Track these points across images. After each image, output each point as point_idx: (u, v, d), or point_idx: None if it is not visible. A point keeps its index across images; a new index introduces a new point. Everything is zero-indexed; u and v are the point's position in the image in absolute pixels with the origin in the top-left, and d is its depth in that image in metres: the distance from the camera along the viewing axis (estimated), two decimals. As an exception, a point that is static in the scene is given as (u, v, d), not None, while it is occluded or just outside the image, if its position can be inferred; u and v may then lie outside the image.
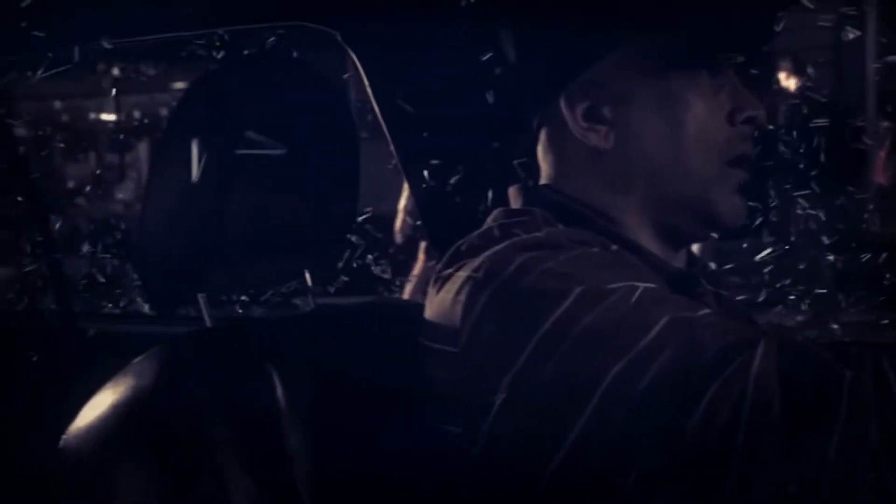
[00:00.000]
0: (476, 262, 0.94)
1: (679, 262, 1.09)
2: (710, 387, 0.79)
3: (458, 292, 0.94)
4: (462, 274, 0.95)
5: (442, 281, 0.99)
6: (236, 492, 0.94)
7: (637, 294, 0.86)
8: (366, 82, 1.63)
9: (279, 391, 1.03)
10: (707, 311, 0.89)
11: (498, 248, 0.95)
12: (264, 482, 0.96)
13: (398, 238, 5.17)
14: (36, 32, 1.50)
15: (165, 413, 0.97)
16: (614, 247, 0.99)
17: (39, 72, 1.64)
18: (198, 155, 1.15)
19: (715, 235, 1.13)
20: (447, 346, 0.93)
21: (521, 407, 0.86)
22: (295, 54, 1.54)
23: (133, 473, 0.96)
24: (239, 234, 1.18)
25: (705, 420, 0.79)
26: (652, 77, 1.03)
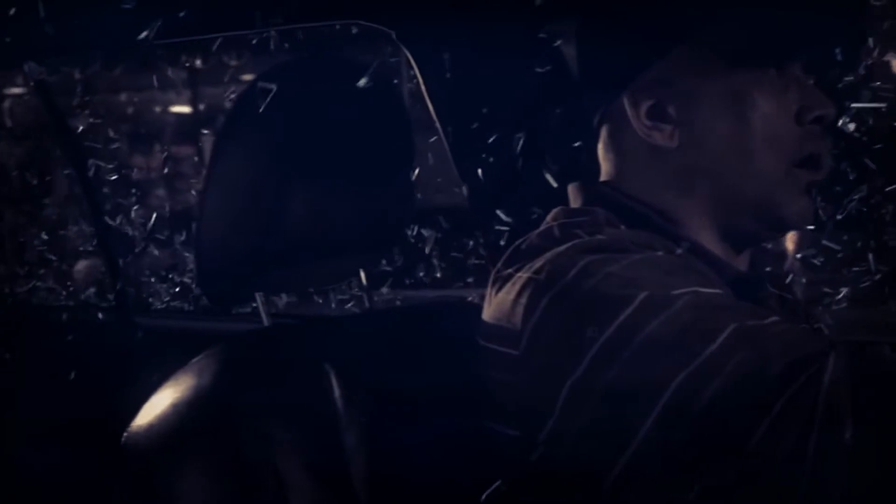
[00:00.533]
0: (537, 263, 0.93)
1: (742, 264, 1.07)
2: (778, 401, 0.77)
3: (519, 294, 0.92)
4: (523, 275, 0.93)
5: (501, 281, 0.97)
6: (295, 491, 0.94)
7: (702, 301, 0.85)
8: (420, 80, 1.63)
9: (337, 391, 1.03)
10: (774, 318, 0.86)
11: (560, 249, 0.93)
12: (322, 482, 0.96)
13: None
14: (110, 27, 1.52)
15: (225, 412, 0.98)
16: (679, 250, 0.96)
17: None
18: (255, 154, 1.16)
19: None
20: (506, 349, 0.92)
21: (581, 414, 0.85)
22: (351, 53, 1.54)
23: (193, 471, 0.97)
24: (296, 233, 1.18)
25: (772, 435, 0.77)
26: (718, 75, 1.00)
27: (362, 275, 1.34)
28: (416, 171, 1.36)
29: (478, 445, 0.94)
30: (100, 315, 2.35)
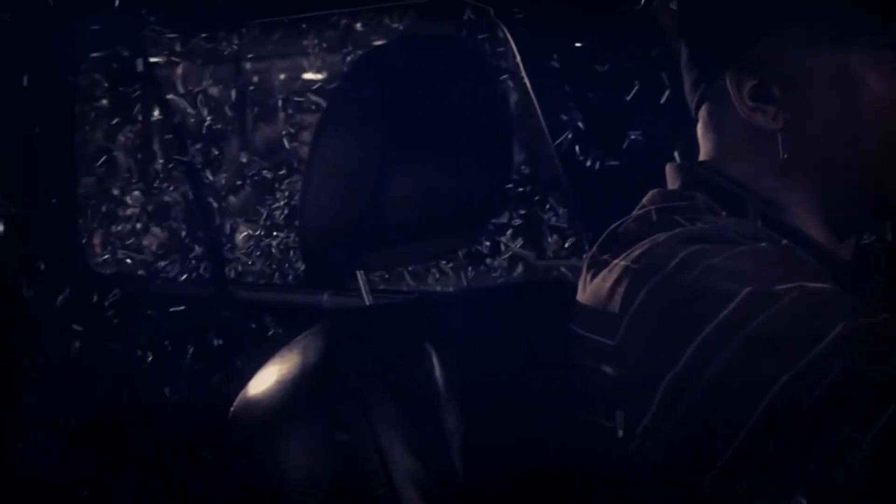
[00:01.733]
0: (635, 251, 0.91)
1: (847, 252, 1.03)
2: (890, 405, 0.73)
3: (616, 283, 0.90)
4: (620, 263, 0.91)
5: (597, 267, 0.96)
6: (397, 469, 0.96)
7: (808, 296, 0.81)
8: (517, 59, 1.62)
9: (437, 370, 1.04)
10: (885, 315, 0.82)
11: (659, 237, 0.91)
12: (424, 460, 0.98)
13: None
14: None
15: (329, 390, 0.99)
16: (784, 241, 0.93)
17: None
18: (357, 134, 1.18)
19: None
20: (602, 338, 0.90)
21: (680, 410, 0.82)
22: (450, 32, 1.55)
23: (298, 446, 0.99)
24: (397, 212, 1.19)
25: (881, 440, 0.73)
26: (827, 54, 0.96)
27: (460, 254, 1.35)
28: (516, 149, 1.36)
29: (573, 432, 0.94)
30: (196, 287, 2.40)
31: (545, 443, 0.96)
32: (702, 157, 1.06)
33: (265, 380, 1.03)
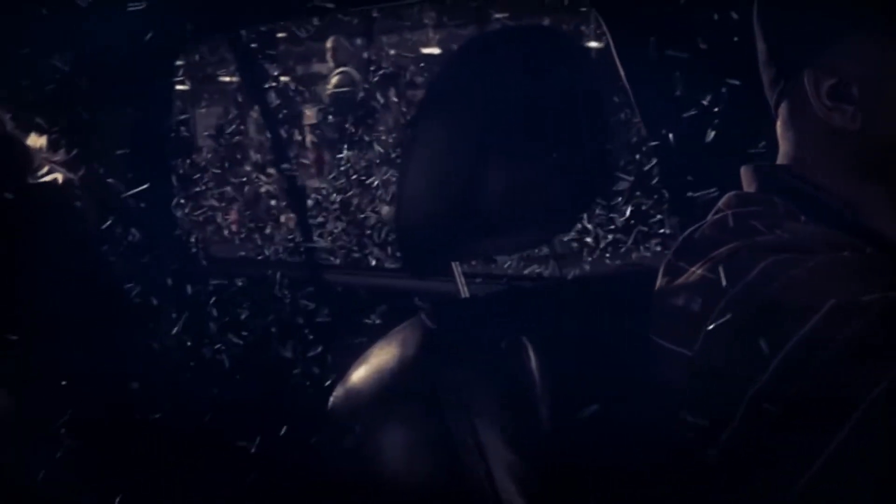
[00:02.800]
0: (712, 259, 0.89)
1: None
2: None
3: (694, 293, 0.89)
4: (697, 271, 0.90)
5: (673, 273, 0.94)
6: (496, 462, 0.97)
7: (894, 306, 0.79)
8: (612, 48, 1.61)
9: (534, 363, 1.05)
10: None
11: (737, 245, 0.89)
12: (522, 454, 0.98)
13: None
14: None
15: (428, 383, 1.01)
16: (868, 249, 0.90)
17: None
18: (455, 125, 1.19)
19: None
20: (679, 348, 0.89)
21: (764, 425, 0.81)
22: (546, 23, 1.54)
23: (397, 439, 1.01)
24: (493, 202, 1.19)
25: None
26: None
27: (555, 244, 1.35)
28: (612, 140, 1.36)
29: (660, 432, 0.93)
30: (290, 270, 2.45)
31: (636, 439, 0.96)
32: (780, 157, 1.04)
33: (364, 371, 1.05)
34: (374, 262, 2.61)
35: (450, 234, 1.20)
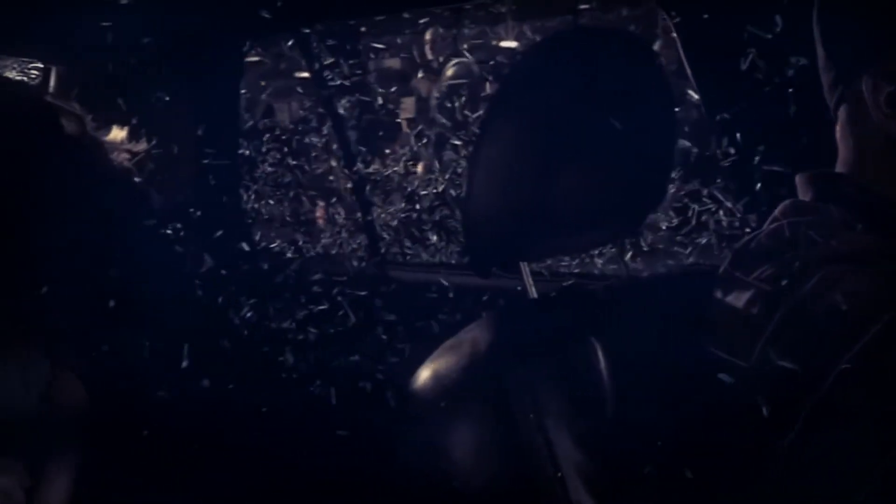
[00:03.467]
0: (769, 270, 0.88)
1: None
2: None
3: (750, 304, 0.88)
4: (753, 282, 0.89)
5: (729, 284, 0.93)
6: (565, 460, 0.98)
7: None
8: (679, 46, 1.61)
9: (602, 364, 1.05)
10: None
11: (794, 256, 0.88)
12: (590, 453, 0.99)
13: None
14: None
15: (499, 382, 1.02)
16: None
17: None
18: (524, 125, 1.19)
19: None
20: (735, 359, 0.88)
21: (824, 434, 0.81)
22: (615, 24, 1.55)
23: (469, 437, 1.02)
24: (561, 202, 1.20)
25: None
26: None
27: (626, 245, 1.35)
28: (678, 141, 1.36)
29: (723, 437, 0.93)
30: (354, 266, 2.47)
31: (700, 442, 0.96)
32: (839, 164, 1.02)
33: (435, 371, 1.07)
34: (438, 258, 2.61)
35: (518, 235, 1.21)
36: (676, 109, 1.37)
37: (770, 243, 0.93)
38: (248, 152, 2.67)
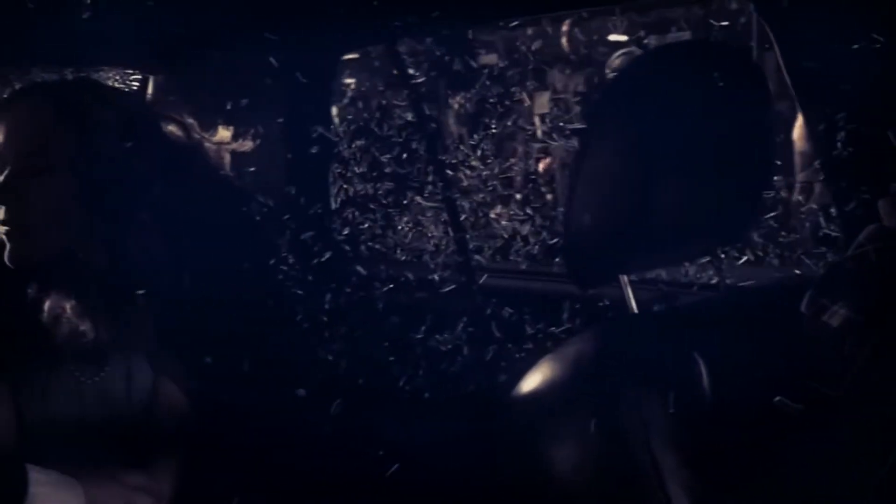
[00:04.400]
0: (856, 297, 0.86)
1: None
2: None
3: (838, 333, 0.87)
4: (840, 310, 0.87)
5: (816, 310, 0.92)
6: (672, 477, 0.97)
7: None
8: (777, 53, 1.59)
9: (705, 380, 1.05)
10: None
11: (881, 284, 0.86)
12: (697, 471, 0.99)
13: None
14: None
15: (604, 396, 1.02)
16: None
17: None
18: (627, 138, 1.20)
19: None
20: (823, 388, 0.87)
21: None
22: (714, 36, 1.54)
23: (575, 453, 1.02)
24: (662, 216, 1.20)
25: None
26: None
27: (721, 257, 1.34)
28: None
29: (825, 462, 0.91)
30: (446, 275, 2.48)
31: (806, 463, 0.95)
32: None
33: (540, 379, 1.07)
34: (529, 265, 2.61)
35: (618, 248, 1.21)
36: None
37: (856, 269, 0.92)
38: (344, 152, 2.68)
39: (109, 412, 1.54)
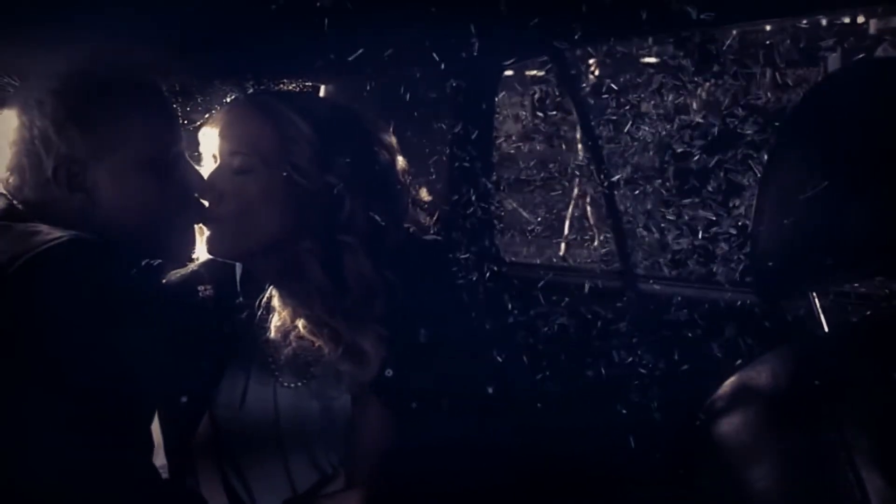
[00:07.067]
0: None
1: None
2: None
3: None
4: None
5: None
6: (879, 500, 0.96)
7: None
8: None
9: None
10: None
11: None
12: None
13: None
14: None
15: (805, 417, 1.02)
16: None
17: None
18: (819, 152, 1.18)
19: None
20: None
21: None
22: None
23: (771, 466, 1.02)
24: (851, 231, 1.18)
25: None
26: None
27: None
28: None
29: None
30: (604, 279, 2.48)
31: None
32: None
33: (736, 394, 1.07)
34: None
35: (807, 263, 1.20)
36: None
37: None
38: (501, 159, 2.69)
39: (305, 420, 1.60)
